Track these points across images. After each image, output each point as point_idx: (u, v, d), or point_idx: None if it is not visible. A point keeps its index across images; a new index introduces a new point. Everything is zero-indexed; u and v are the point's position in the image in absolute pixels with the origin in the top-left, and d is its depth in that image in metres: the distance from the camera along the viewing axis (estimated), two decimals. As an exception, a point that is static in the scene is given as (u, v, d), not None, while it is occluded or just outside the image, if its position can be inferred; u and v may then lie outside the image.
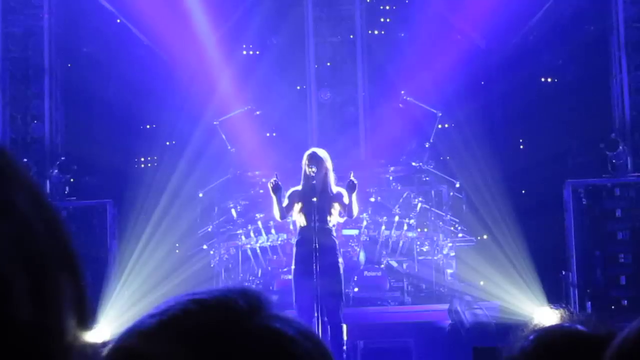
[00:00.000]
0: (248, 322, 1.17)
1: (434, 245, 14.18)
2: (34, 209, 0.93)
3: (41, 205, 0.95)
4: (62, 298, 0.93)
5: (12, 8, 14.64)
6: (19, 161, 0.96)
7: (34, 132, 14.57)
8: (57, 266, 0.93)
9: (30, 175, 0.96)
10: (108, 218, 13.51)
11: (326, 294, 10.07)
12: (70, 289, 0.94)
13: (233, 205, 14.36)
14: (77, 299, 0.95)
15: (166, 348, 1.15)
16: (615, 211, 13.17)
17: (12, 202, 0.91)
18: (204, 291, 1.22)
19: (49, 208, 0.96)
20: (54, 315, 0.92)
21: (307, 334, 1.20)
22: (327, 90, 16.17)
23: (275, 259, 13.97)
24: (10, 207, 0.90)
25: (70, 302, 0.94)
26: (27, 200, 0.93)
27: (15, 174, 0.94)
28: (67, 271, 0.95)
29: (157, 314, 1.19)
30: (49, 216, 0.95)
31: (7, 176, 0.92)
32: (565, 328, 2.06)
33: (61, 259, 0.94)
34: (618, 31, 14.24)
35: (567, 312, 2.22)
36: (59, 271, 0.93)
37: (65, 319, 0.93)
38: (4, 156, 0.94)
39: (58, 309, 0.92)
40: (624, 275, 13.04)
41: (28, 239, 0.91)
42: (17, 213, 0.91)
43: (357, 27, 16.23)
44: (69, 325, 0.93)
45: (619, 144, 13.41)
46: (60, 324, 0.92)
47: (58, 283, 0.93)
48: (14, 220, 0.90)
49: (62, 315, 0.93)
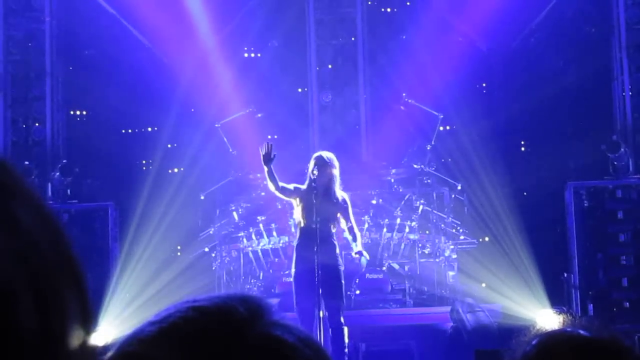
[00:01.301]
0: (248, 330, 1.17)
1: (435, 247, 14.18)
2: (36, 222, 0.93)
3: (43, 217, 0.95)
4: (66, 309, 0.93)
5: (13, 11, 14.65)
6: (19, 172, 0.96)
7: (35, 135, 14.57)
8: (61, 278, 0.93)
9: (31, 186, 0.96)
10: (109, 221, 13.52)
11: (327, 297, 10.06)
12: (74, 298, 0.95)
13: (235, 208, 14.36)
14: (80, 308, 0.96)
15: (166, 355, 1.15)
16: (617, 213, 13.17)
17: (14, 216, 0.91)
18: (204, 298, 1.22)
19: (51, 220, 0.96)
20: (59, 326, 0.92)
21: (308, 341, 1.20)
22: (328, 93, 16.17)
23: (276, 261, 13.98)
24: (13, 221, 0.90)
25: (74, 311, 0.94)
26: (29, 213, 0.93)
27: (17, 186, 0.94)
28: (70, 281, 0.95)
29: (157, 321, 1.19)
30: (51, 228, 0.95)
31: (9, 190, 0.92)
32: (567, 333, 2.06)
33: (65, 270, 0.94)
34: (619, 33, 14.24)
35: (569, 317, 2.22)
36: (62, 282, 0.93)
37: (70, 329, 0.93)
38: (4, 169, 0.94)
39: (63, 319, 0.92)
40: (625, 277, 13.04)
41: (32, 253, 0.91)
42: (20, 227, 0.91)
43: (358, 29, 16.23)
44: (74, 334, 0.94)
45: (620, 146, 13.40)
46: (65, 334, 0.93)
47: (62, 294, 0.93)
48: (17, 235, 0.90)
49: (66, 325, 0.93)
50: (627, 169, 13.54)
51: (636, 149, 13.92)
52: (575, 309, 12.48)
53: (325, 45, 16.34)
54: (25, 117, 14.68)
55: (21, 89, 14.72)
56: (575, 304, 12.71)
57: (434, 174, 14.81)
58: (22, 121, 14.67)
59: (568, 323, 2.15)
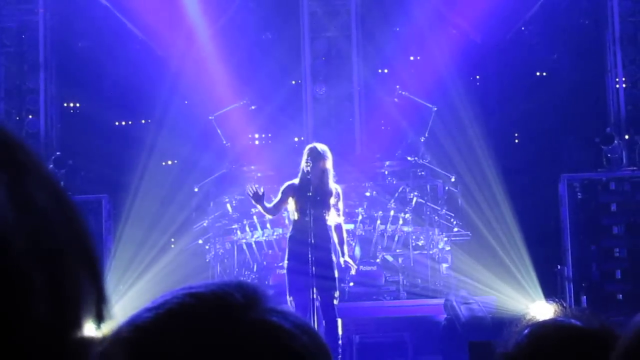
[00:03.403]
0: (244, 316, 1.18)
1: (429, 239, 14.18)
2: (51, 202, 0.92)
3: (59, 198, 0.94)
4: (80, 293, 0.92)
5: (6, 2, 14.63)
6: (35, 152, 0.95)
7: (29, 127, 14.55)
8: (75, 260, 0.92)
9: (47, 166, 0.95)
10: (103, 213, 13.51)
11: (321, 289, 10.06)
12: (88, 283, 0.93)
13: (228, 200, 14.35)
14: (95, 293, 0.95)
15: (163, 341, 1.15)
16: (610, 205, 13.19)
17: (30, 195, 0.90)
18: (201, 285, 1.22)
19: (66, 201, 0.95)
20: (72, 310, 0.90)
21: (304, 328, 1.20)
22: (322, 85, 16.15)
23: (270, 253, 13.97)
24: (28, 200, 0.89)
25: (88, 296, 0.93)
26: (44, 193, 0.92)
27: (33, 165, 0.93)
28: (85, 265, 0.93)
29: (154, 307, 1.19)
30: (67, 209, 0.94)
31: (25, 169, 0.91)
32: (559, 322, 2.07)
33: (80, 252, 0.93)
34: (613, 25, 14.25)
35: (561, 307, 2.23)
36: (77, 265, 0.92)
37: (83, 314, 0.92)
38: (20, 147, 0.93)
39: (76, 303, 0.91)
40: (619, 270, 13.07)
41: (46, 233, 0.89)
42: (35, 207, 0.90)
43: (352, 21, 16.20)
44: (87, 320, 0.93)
45: (614, 138, 13.42)
46: (78, 319, 0.91)
47: (76, 278, 0.92)
48: (32, 214, 0.89)
49: (80, 310, 0.91)
50: (621, 161, 13.56)
51: (630, 142, 13.94)
52: (569, 301, 12.49)
53: (319, 38, 16.32)
54: (19, 109, 14.67)
55: (15, 81, 14.70)
56: (569, 296, 12.73)
57: (428, 166, 14.81)
58: (15, 113, 14.66)
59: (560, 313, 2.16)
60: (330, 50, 16.37)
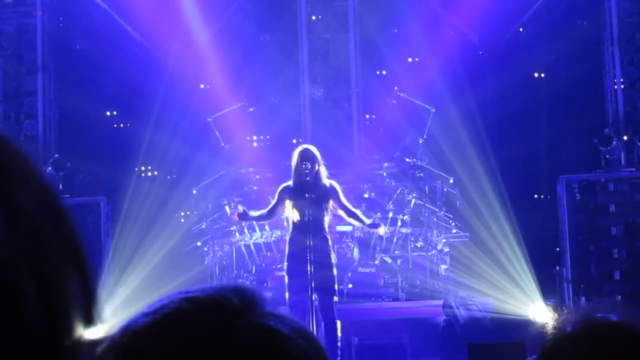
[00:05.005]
0: (242, 320, 1.17)
1: (428, 241, 14.18)
2: (40, 208, 0.91)
3: (48, 201, 0.92)
4: (70, 298, 0.91)
5: (4, 5, 14.62)
6: (24, 152, 0.93)
7: (27, 130, 14.55)
8: (65, 266, 0.91)
9: (36, 167, 0.94)
10: (102, 215, 13.51)
11: (319, 291, 10.06)
12: (78, 287, 0.93)
13: (227, 202, 14.34)
14: (85, 298, 0.94)
15: (160, 346, 1.15)
16: (609, 206, 13.20)
17: (18, 202, 0.88)
18: (198, 289, 1.22)
19: (56, 204, 0.94)
20: (63, 317, 0.90)
21: (302, 332, 1.20)
22: (320, 87, 16.15)
23: (269, 255, 13.97)
24: (16, 209, 0.88)
25: (78, 301, 0.93)
26: (33, 198, 0.90)
27: (21, 168, 0.91)
28: (75, 270, 0.93)
29: (151, 312, 1.19)
30: (57, 213, 0.93)
31: (12, 173, 0.90)
32: (611, 320, 1.97)
33: (69, 257, 0.92)
34: (611, 26, 14.26)
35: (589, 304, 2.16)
36: (67, 271, 0.91)
37: (74, 319, 0.92)
38: (8, 149, 0.92)
39: (67, 309, 0.90)
40: (618, 271, 13.07)
41: (36, 241, 0.89)
42: (24, 215, 0.88)
43: (350, 23, 16.21)
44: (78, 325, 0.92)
45: (612, 139, 13.42)
46: (70, 325, 0.91)
47: (66, 283, 0.91)
48: (20, 222, 0.88)
49: (70, 315, 0.91)
50: (619, 162, 13.56)
51: (628, 142, 13.94)
52: (568, 302, 12.49)
53: (317, 39, 16.32)
54: (17, 111, 14.66)
55: (13, 83, 14.70)
56: (568, 297, 12.74)
57: (426, 168, 14.81)
58: (14, 116, 14.65)
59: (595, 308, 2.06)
60: (328, 52, 16.37)
